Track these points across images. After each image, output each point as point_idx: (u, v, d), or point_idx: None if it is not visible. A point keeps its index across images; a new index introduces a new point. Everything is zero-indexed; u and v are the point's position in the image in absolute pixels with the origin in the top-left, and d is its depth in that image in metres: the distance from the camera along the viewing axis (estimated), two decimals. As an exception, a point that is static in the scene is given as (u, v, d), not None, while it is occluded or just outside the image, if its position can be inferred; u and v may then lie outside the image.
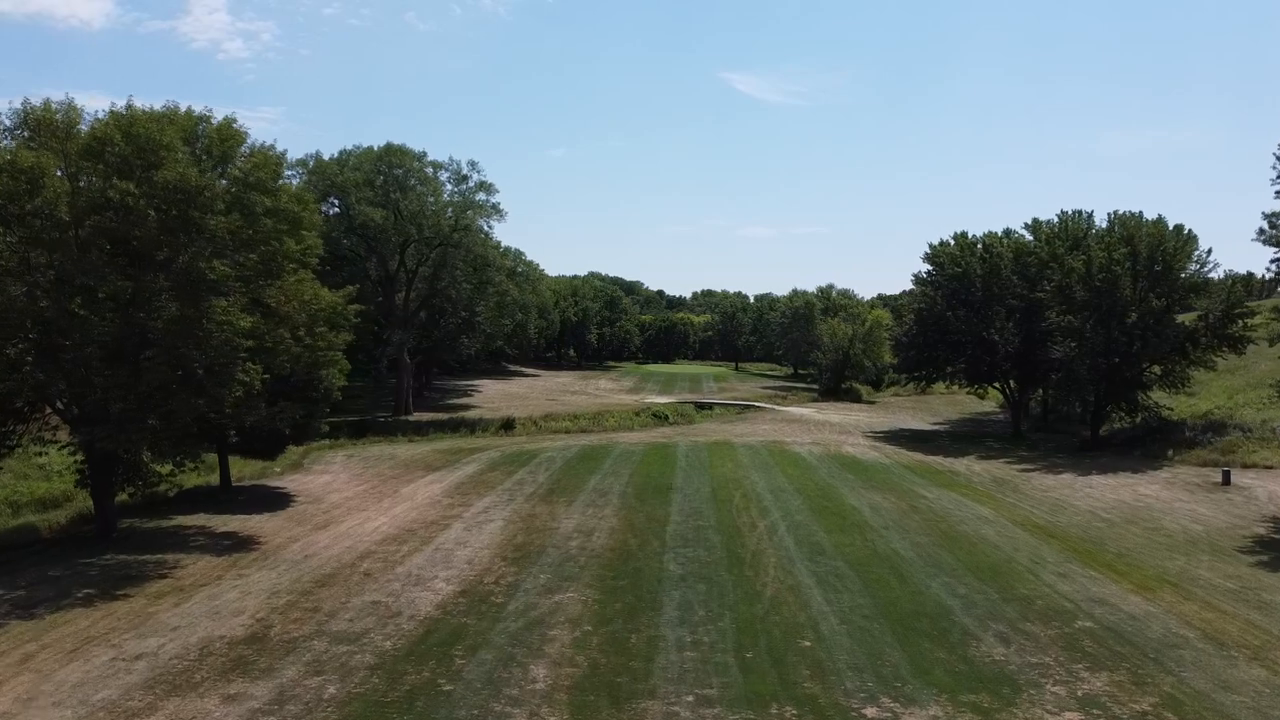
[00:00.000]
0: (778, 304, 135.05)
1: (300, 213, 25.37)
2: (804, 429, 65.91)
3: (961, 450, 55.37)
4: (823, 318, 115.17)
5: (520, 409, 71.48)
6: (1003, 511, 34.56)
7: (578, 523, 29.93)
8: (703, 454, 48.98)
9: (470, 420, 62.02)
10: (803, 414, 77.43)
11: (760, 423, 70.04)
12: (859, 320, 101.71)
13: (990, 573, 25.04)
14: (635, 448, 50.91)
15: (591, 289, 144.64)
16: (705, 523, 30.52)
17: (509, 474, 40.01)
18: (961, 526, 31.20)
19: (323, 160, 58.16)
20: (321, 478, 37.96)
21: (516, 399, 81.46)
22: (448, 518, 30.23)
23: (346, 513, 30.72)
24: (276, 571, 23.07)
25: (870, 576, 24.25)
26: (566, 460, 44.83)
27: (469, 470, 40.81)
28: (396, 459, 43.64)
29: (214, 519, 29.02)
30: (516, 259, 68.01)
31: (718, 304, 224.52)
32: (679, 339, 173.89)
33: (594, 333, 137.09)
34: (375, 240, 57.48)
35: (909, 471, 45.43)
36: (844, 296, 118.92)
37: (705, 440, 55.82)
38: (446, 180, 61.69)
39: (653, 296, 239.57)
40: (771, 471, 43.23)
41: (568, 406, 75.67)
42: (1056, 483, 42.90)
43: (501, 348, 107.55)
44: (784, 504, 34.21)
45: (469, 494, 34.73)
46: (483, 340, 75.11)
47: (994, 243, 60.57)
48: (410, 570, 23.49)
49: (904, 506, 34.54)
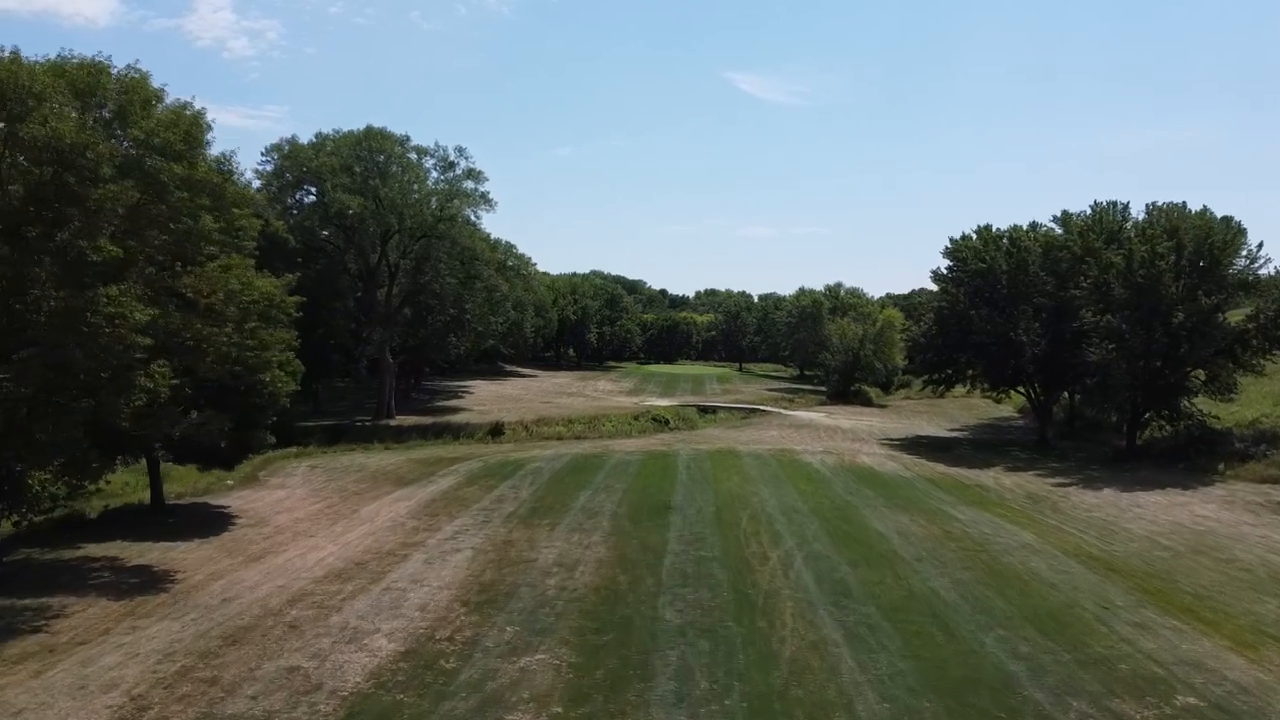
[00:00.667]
0: (784, 303, 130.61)
1: (222, 185, 21.10)
2: (814, 435, 61.54)
3: (986, 461, 51.00)
4: (830, 317, 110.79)
5: (511, 412, 67.20)
6: (1048, 537, 30.20)
7: (560, 553, 25.62)
8: (705, 465, 44.66)
9: (456, 425, 57.74)
10: (812, 418, 73.08)
11: (767, 428, 65.67)
12: (869, 320, 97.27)
13: (1053, 623, 20.70)
14: (632, 457, 46.59)
15: (591, 287, 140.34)
16: (708, 553, 26.20)
17: (489, 489, 35.71)
18: (1006, 558, 26.85)
19: (298, 145, 53.91)
20: (275, 494, 33.68)
21: (509, 401, 77.18)
22: (408, 546, 25.93)
23: (291, 539, 26.43)
24: (182, 622, 18.79)
25: (910, 628, 19.93)
26: (555, 472, 40.52)
27: (444, 485, 36.51)
28: (366, 470, 39.36)
29: (131, 548, 24.74)
30: (507, 252, 63.52)
31: (720, 303, 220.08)
32: (681, 339, 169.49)
33: (594, 332, 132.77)
34: (353, 231, 53.22)
35: (934, 486, 41.08)
36: (853, 295, 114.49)
37: (708, 448, 51.49)
38: (432, 167, 57.53)
39: (655, 296, 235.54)
40: (782, 486, 38.89)
41: (563, 410, 71.36)
42: (1099, 501, 38.54)
43: (495, 347, 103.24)
44: (799, 528, 29.88)
45: (438, 515, 30.42)
46: (473, 339, 70.80)
47: (1020, 237, 56.14)
48: (348, 620, 19.19)
49: (936, 532, 30.19)
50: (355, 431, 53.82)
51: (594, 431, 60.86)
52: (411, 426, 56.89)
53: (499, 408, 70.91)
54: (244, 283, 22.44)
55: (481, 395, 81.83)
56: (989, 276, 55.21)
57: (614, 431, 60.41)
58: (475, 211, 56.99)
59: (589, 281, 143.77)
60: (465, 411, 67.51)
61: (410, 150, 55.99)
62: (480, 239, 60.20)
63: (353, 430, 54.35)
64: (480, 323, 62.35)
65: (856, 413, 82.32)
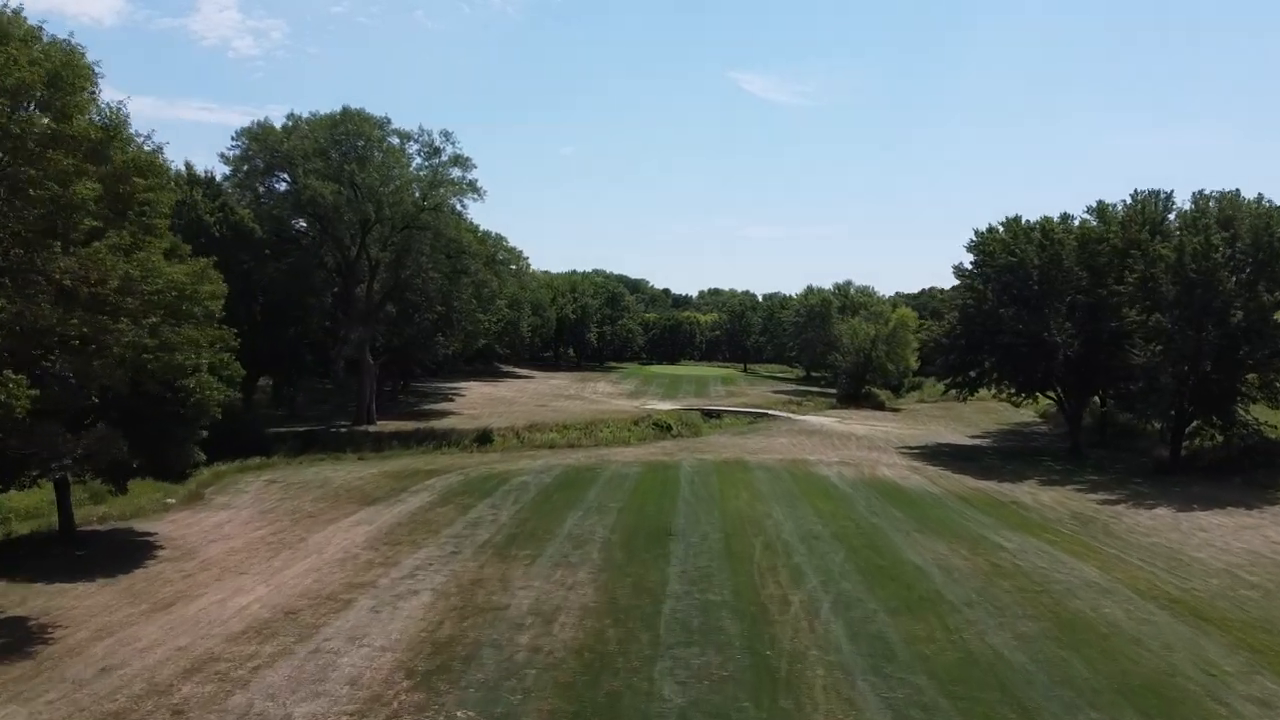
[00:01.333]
0: (790, 302, 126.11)
1: (104, 143, 16.74)
2: (827, 443, 57.12)
3: (1018, 473, 46.61)
4: (840, 317, 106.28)
5: (503, 417, 62.89)
6: (1113, 571, 25.80)
7: (537, 596, 21.27)
8: (711, 478, 40.30)
9: (441, 432, 53.39)
10: (823, 424, 68.66)
11: (776, 435, 61.25)
12: (882, 320, 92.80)
13: (1154, 700, 16.33)
14: (630, 470, 42.23)
15: (592, 285, 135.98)
16: (716, 595, 21.83)
17: (464, 510, 31.34)
18: (1073, 601, 22.44)
19: (268, 127, 49.55)
20: (216, 516, 29.33)
21: (502, 405, 72.88)
22: (356, 587, 21.59)
23: (216, 577, 22.09)
24: (33, 707, 14.46)
25: (975, 710, 15.56)
26: (542, 489, 36.16)
27: (414, 504, 32.16)
28: (329, 487, 35.01)
29: (12, 591, 20.36)
30: (497, 245, 59.04)
31: (725, 303, 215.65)
32: (685, 339, 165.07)
33: (594, 331, 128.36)
34: (328, 221, 48.85)
35: (966, 505, 36.68)
36: (863, 294, 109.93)
37: (714, 458, 47.11)
38: (416, 153, 53.14)
39: (658, 295, 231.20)
40: (798, 505, 34.51)
41: (558, 414, 67.03)
42: (1155, 523, 34.13)
43: (490, 347, 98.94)
44: (822, 560, 25.51)
45: (400, 544, 26.06)
46: (463, 338, 66.48)
47: (1053, 229, 51.66)
48: (252, 702, 14.85)
49: (983, 565, 25.78)
50: (330, 439, 49.49)
51: (590, 439, 56.51)
52: (392, 433, 52.55)
53: (490, 412, 66.62)
54: (146, 269, 18.09)
55: (473, 398, 77.52)
56: (1019, 272, 50.74)
57: (611, 439, 56.03)
58: (462, 201, 52.71)
59: (589, 280, 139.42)
60: (453, 416, 63.20)
61: (391, 134, 51.65)
62: (467, 230, 55.76)
63: (327, 438, 50.03)
64: (469, 320, 57.87)
65: (869, 417, 77.88)
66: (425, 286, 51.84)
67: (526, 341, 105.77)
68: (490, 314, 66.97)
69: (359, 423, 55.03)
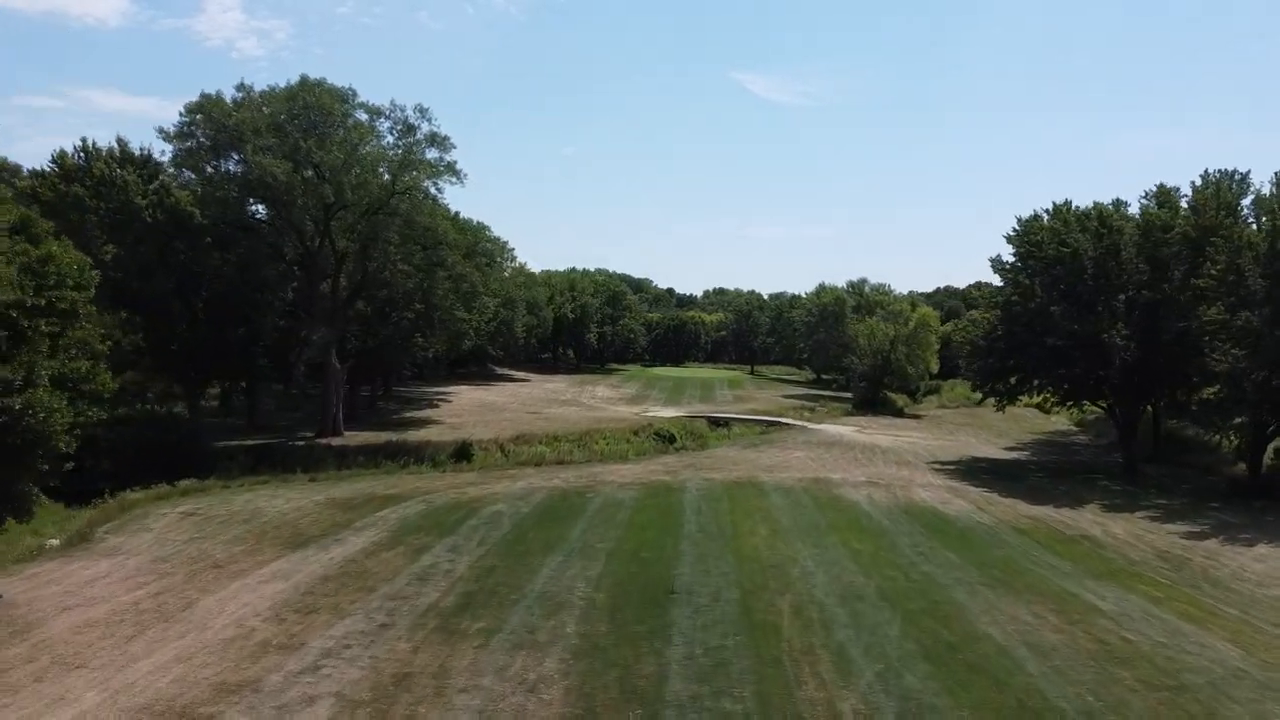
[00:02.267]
0: (801, 301, 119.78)
1: None
2: (850, 458, 50.90)
3: (1073, 495, 40.38)
4: (854, 316, 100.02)
5: (489, 427, 56.81)
6: (1256, 650, 19.54)
7: (483, 706, 15.11)
8: (721, 505, 34.13)
9: (413, 445, 47.32)
10: (841, 434, 62.41)
11: (792, 447, 55.02)
12: (901, 319, 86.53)
13: None
14: (625, 494, 36.07)
15: (591, 283, 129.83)
16: (735, 703, 15.62)
17: (415, 554, 25.20)
18: (1229, 708, 16.20)
19: (216, 100, 43.39)
20: (94, 567, 23.10)
21: (490, 412, 66.80)
22: (230, 691, 15.43)
23: (39, 674, 15.93)
24: None
25: None
26: (518, 522, 30.01)
27: (355, 546, 26.01)
28: (256, 521, 28.85)
29: None
30: (478, 234, 52.61)
31: (730, 303, 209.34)
32: (689, 339, 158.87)
33: (594, 332, 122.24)
34: (282, 205, 42.72)
35: (1029, 540, 30.47)
36: (879, 293, 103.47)
37: (723, 478, 40.95)
38: (387, 131, 47.03)
39: (662, 294, 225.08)
40: (828, 543, 28.32)
41: (550, 423, 60.95)
42: (1266, 567, 27.88)
43: (482, 348, 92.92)
44: (873, 635, 19.29)
45: (317, 611, 19.89)
46: (447, 339, 60.37)
47: (1109, 215, 45.39)
48: None
49: (1084, 641, 19.53)
50: (286, 454, 43.46)
51: (583, 452, 50.43)
52: (359, 447, 46.50)
53: (476, 420, 60.53)
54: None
55: (460, 404, 71.45)
56: (1071, 264, 44.46)
57: (607, 452, 49.91)
58: (435, 183, 46.51)
59: (589, 278, 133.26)
60: (433, 426, 57.07)
61: (358, 108, 45.52)
62: (443, 218, 49.55)
63: (284, 453, 44.01)
64: (449, 319, 51.60)
65: (890, 425, 71.62)
66: (392, 280, 45.59)
67: (521, 343, 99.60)
68: (476, 312, 60.80)
69: (323, 434, 48.99)
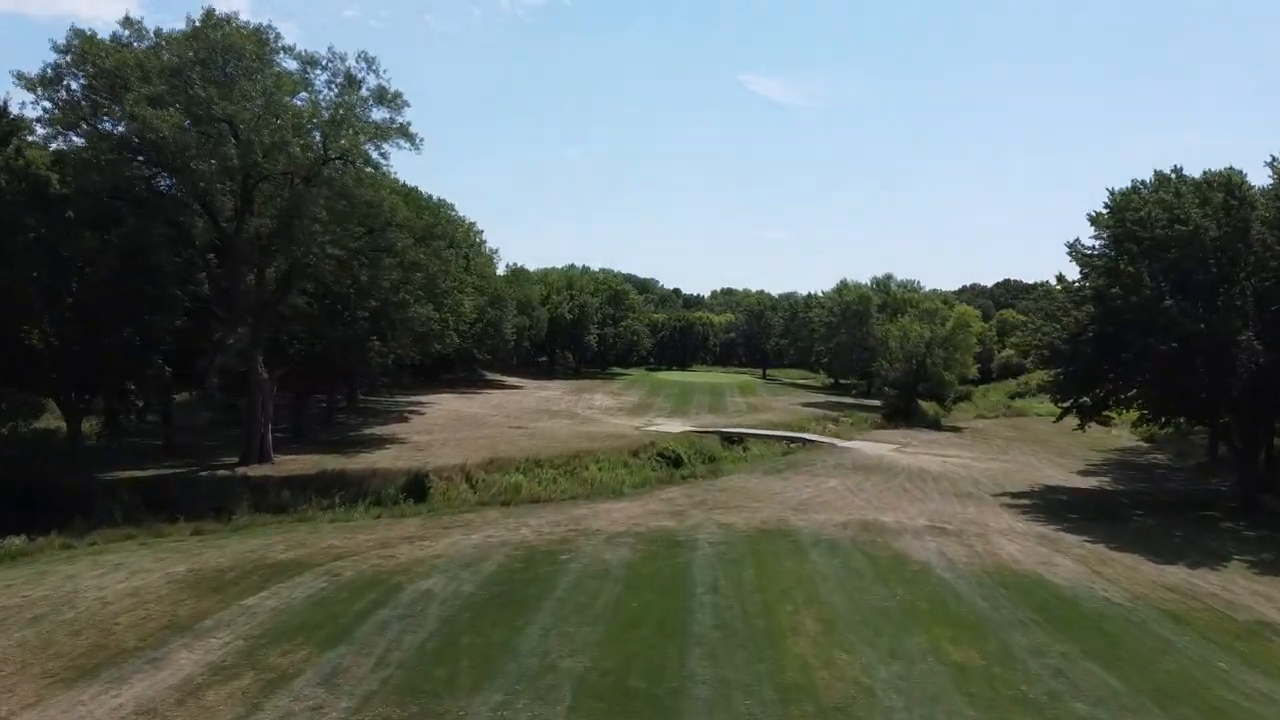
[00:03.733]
0: (820, 300, 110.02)
1: None
2: (896, 487, 41.37)
3: (1202, 547, 30.73)
4: (879, 316, 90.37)
5: (459, 447, 47.46)
6: None
7: None
8: (745, 576, 24.60)
9: (355, 476, 37.94)
10: (880, 454, 52.80)
11: (823, 472, 45.46)
12: (936, 319, 76.82)
13: None
14: (613, 556, 26.51)
15: (591, 281, 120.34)
16: None
17: (260, 696, 15.70)
18: None
19: (94, 41, 33.88)
20: None
21: (467, 426, 57.41)
22: None
23: None
24: None
25: None
26: (451, 615, 20.50)
27: (172, 676, 16.49)
28: (53, 618, 19.39)
29: None
30: (435, 213, 42.72)
31: (739, 303, 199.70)
32: (696, 341, 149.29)
33: (594, 334, 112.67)
34: (178, 171, 33.27)
35: (1194, 635, 20.89)
36: (907, 290, 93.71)
37: (744, 525, 31.42)
38: (324, 85, 37.69)
39: (668, 295, 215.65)
40: (909, 647, 18.82)
41: (536, 440, 51.59)
42: None
43: (468, 352, 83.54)
44: None
45: None
46: (413, 342, 50.97)
47: (1238, 183, 35.74)
48: None
49: None
50: (187, 491, 34.16)
51: (570, 481, 41.11)
52: (286, 480, 37.13)
53: (446, 438, 51.16)
54: None
55: (434, 416, 62.05)
56: (1189, 247, 34.80)
57: (599, 483, 40.48)
58: (379, 146, 36.98)
59: (588, 275, 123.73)
60: (392, 446, 47.67)
61: (283, 53, 36.21)
62: (392, 191, 40.11)
63: (185, 488, 34.71)
64: (400, 315, 41.81)
65: (930, 441, 61.96)
66: (320, 269, 36.04)
67: (512, 345, 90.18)
68: (449, 310, 51.40)
69: (248, 460, 39.68)
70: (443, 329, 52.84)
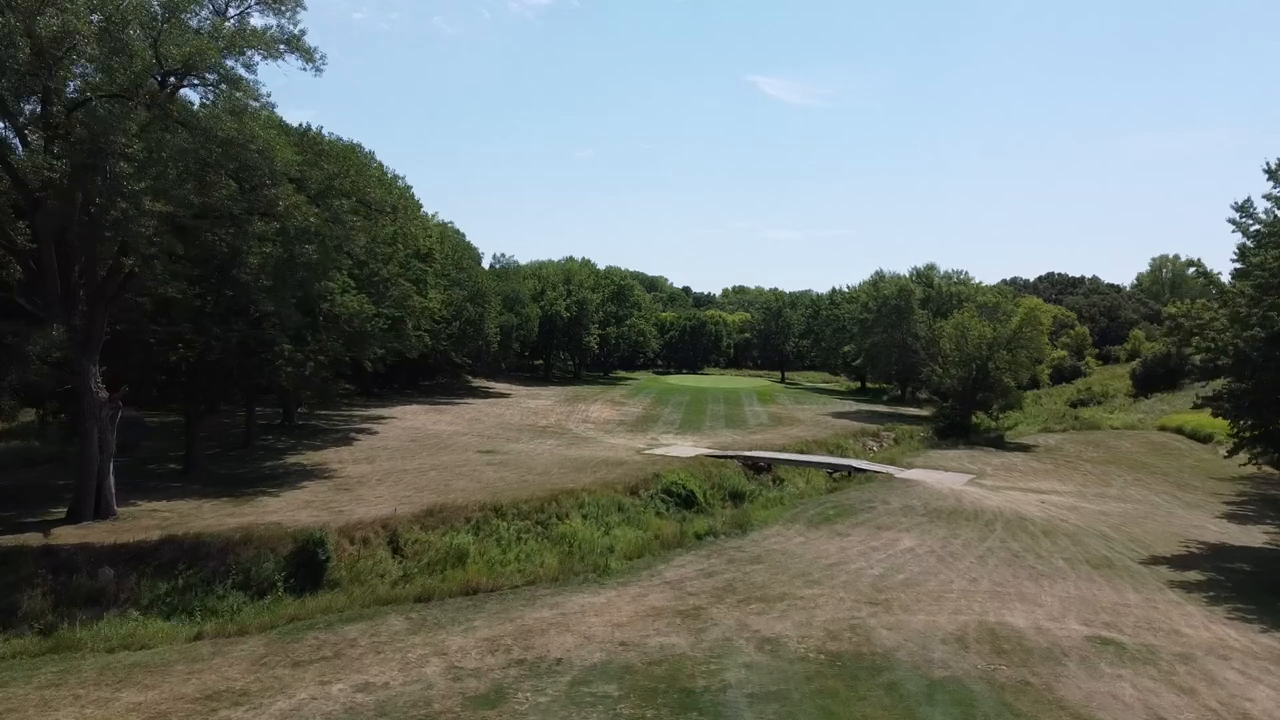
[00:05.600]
0: (850, 295, 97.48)
1: None
2: (1002, 549, 29.13)
3: None
4: (922, 312, 77.94)
5: (398, 484, 35.60)
6: None
7: None
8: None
9: (219, 547, 25.82)
10: (953, 488, 40.51)
11: (892, 523, 33.19)
12: (999, 315, 64.49)
13: None
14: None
15: (591, 275, 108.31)
16: None
17: None
18: None
19: None
20: None
21: (423, 451, 45.49)
22: None
23: None
24: None
25: None
26: None
27: None
28: None
29: None
30: (341, 160, 30.23)
31: (753, 301, 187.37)
32: (708, 343, 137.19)
33: (594, 334, 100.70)
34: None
35: None
36: (956, 282, 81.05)
37: (799, 647, 19.29)
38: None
39: (677, 293, 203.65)
40: None
41: (506, 471, 39.75)
42: None
43: (445, 354, 71.67)
44: None
45: None
46: (342, 343, 38.94)
47: None
48: None
49: None
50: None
51: (538, 542, 29.14)
52: (113, 551, 25.14)
53: (386, 470, 39.27)
54: None
55: (387, 437, 50.08)
56: None
57: (576, 549, 28.47)
58: (246, 60, 24.89)
59: (588, 268, 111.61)
60: (311, 484, 35.72)
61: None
62: (276, 127, 28.01)
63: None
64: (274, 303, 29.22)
65: (1007, 467, 49.58)
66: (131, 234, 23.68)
67: (495, 348, 78.18)
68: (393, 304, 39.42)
69: (80, 515, 27.86)
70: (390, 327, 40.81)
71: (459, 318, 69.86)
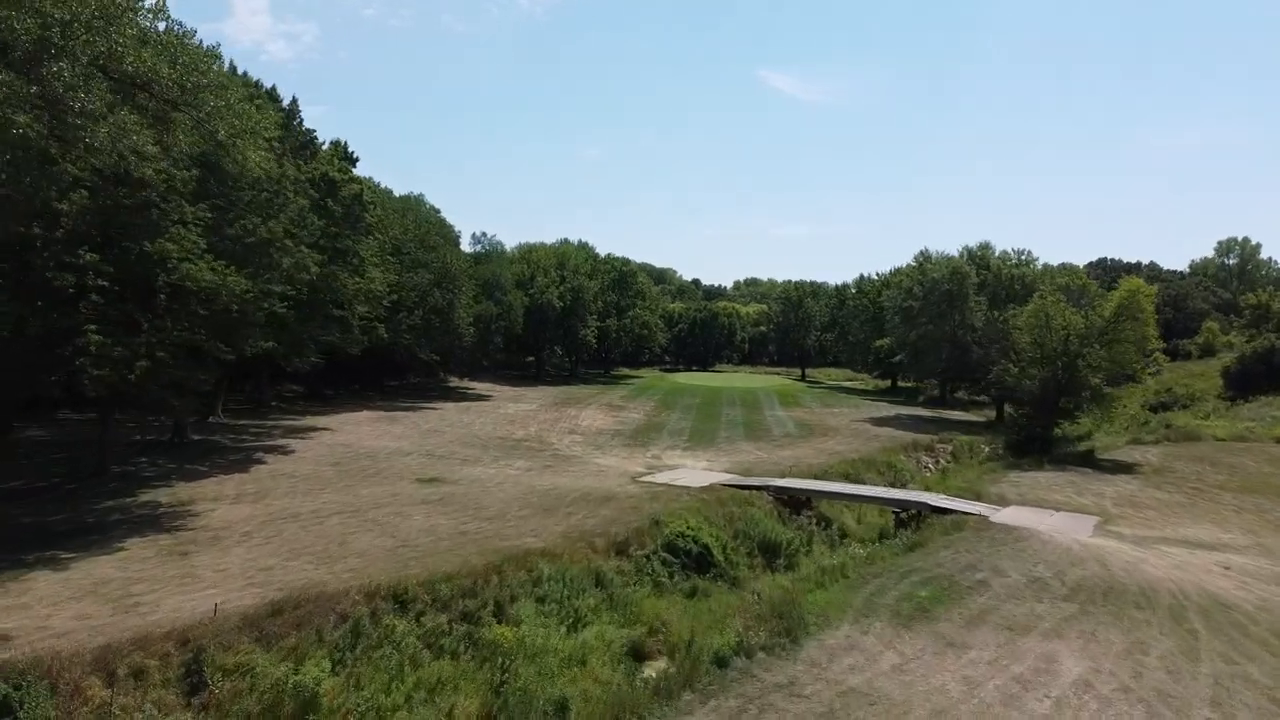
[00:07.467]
0: (886, 280, 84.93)
1: None
2: (1220, 675, 16.88)
3: None
4: (978, 300, 65.50)
5: (267, 545, 23.81)
6: None
7: None
8: None
9: None
10: (1088, 543, 28.20)
11: (1026, 618, 20.96)
12: (1085, 299, 52.05)
13: None
14: None
15: (588, 260, 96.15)
16: None
17: None
18: None
19: None
20: None
21: (341, 480, 33.58)
22: None
23: None
24: None
25: None
26: None
27: None
28: None
29: None
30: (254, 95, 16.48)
31: (765, 293, 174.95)
32: (721, 337, 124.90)
33: (592, 326, 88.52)
34: None
35: None
36: (1019, 263, 68.22)
37: None
38: None
39: (687, 285, 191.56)
40: None
41: (442, 518, 28.05)
42: None
43: (406, 347, 59.77)
44: None
45: None
46: (206, 332, 27.09)
47: None
48: None
49: None
50: None
51: (462, 633, 17.18)
52: None
53: (271, 516, 27.43)
54: None
55: (301, 458, 38.04)
56: None
57: (504, 710, 16.34)
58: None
59: (585, 252, 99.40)
60: (129, 545, 23.81)
61: None
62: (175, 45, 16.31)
63: None
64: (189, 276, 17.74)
65: (1127, 499, 37.13)
66: None
67: (469, 341, 66.14)
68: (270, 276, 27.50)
69: None
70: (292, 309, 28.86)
71: (422, 304, 57.90)
